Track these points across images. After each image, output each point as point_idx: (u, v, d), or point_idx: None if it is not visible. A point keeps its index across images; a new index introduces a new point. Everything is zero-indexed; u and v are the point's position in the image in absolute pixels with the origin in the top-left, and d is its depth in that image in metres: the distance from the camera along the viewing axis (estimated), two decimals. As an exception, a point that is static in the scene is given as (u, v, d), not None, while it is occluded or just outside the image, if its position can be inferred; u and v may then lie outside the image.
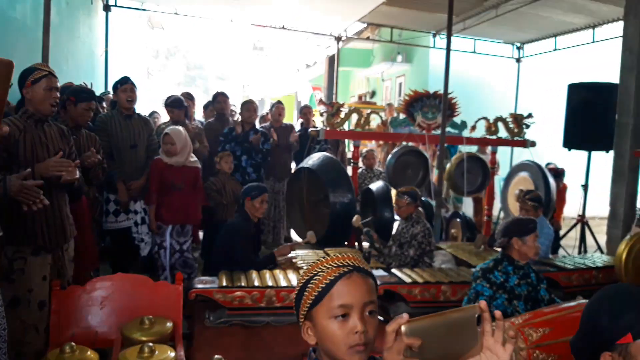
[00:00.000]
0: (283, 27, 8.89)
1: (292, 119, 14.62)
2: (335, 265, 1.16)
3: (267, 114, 7.01)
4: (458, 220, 5.98)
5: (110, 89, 6.41)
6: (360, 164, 6.90)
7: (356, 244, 5.48)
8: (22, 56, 4.52)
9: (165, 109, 5.37)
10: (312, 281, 1.16)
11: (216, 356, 2.59)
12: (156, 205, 4.29)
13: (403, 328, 0.91)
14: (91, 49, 7.19)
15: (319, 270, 1.16)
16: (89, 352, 2.63)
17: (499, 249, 3.03)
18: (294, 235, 6.65)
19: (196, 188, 4.48)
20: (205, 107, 6.80)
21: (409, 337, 0.89)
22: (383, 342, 1.11)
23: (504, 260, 2.91)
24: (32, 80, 2.82)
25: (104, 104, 5.30)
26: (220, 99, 6.18)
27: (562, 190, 6.45)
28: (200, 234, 5.96)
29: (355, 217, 4.61)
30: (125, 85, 4.24)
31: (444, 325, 0.94)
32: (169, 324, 2.98)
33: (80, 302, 3.02)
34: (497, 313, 0.99)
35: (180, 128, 4.41)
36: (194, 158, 4.45)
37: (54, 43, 4.57)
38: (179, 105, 5.20)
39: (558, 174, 6.38)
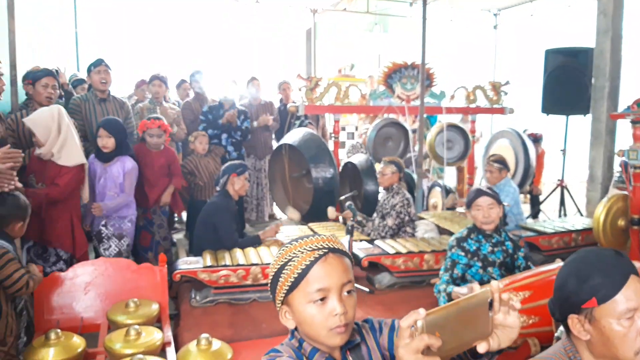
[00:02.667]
0: (257, 1, 8.72)
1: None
2: (309, 248, 1.12)
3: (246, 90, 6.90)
4: (438, 189, 6.02)
5: (82, 71, 6.25)
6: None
7: (340, 218, 5.50)
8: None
9: (148, 85, 5.41)
10: (286, 267, 1.13)
11: (203, 335, 2.61)
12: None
13: (419, 323, 0.87)
14: (61, 32, 6.98)
15: (293, 255, 1.13)
16: (74, 338, 2.63)
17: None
18: (277, 212, 6.66)
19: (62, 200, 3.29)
20: (178, 85, 6.67)
21: (430, 337, 0.86)
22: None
23: (475, 229, 2.98)
24: None
25: (85, 85, 5.19)
26: (197, 77, 6.09)
27: (540, 155, 6.52)
28: (184, 215, 5.94)
29: (330, 210, 4.62)
30: (98, 67, 4.14)
31: (458, 314, 0.92)
32: (155, 306, 2.98)
33: (64, 288, 3.01)
34: (505, 295, 1.00)
35: (47, 111, 3.32)
36: (64, 154, 3.30)
37: (21, 27, 4.42)
38: (164, 81, 5.33)
39: (536, 139, 6.44)
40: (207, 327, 2.98)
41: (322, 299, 1.11)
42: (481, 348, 0.97)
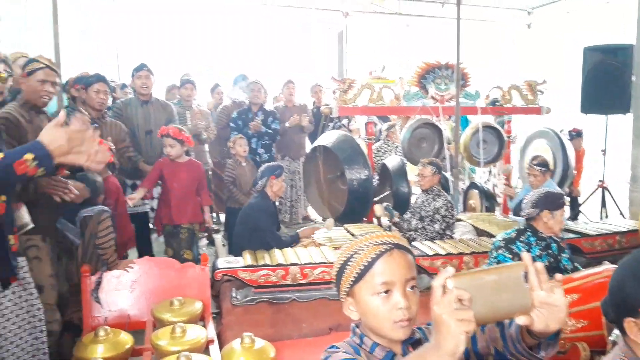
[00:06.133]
0: (290, 6, 8.81)
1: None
2: (375, 242, 1.17)
3: (280, 94, 6.97)
4: (476, 190, 5.95)
5: (121, 78, 6.44)
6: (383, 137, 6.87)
7: (374, 219, 5.49)
8: (35, 50, 4.52)
9: (179, 88, 5.55)
10: (352, 259, 1.18)
11: (246, 333, 2.65)
12: None
13: (449, 282, 0.91)
14: (102, 39, 7.18)
15: (359, 248, 1.18)
16: (122, 335, 2.70)
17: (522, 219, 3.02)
18: (312, 213, 6.69)
19: None
20: (212, 90, 6.79)
21: (459, 289, 0.89)
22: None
23: (527, 230, 2.90)
24: (27, 72, 2.87)
25: (127, 90, 5.38)
26: (240, 83, 6.23)
27: (581, 154, 6.37)
28: (222, 216, 6.04)
29: (377, 207, 4.58)
30: (140, 72, 4.28)
31: (490, 281, 0.93)
32: (198, 304, 3.04)
33: (111, 286, 3.09)
34: (539, 265, 0.97)
35: None
36: None
37: (64, 35, 4.57)
38: (195, 85, 5.57)
39: (578, 133, 6.29)
40: (249, 325, 3.01)
41: (386, 292, 1.14)
42: (520, 320, 0.97)
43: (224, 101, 6.53)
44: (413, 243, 3.99)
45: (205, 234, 5.52)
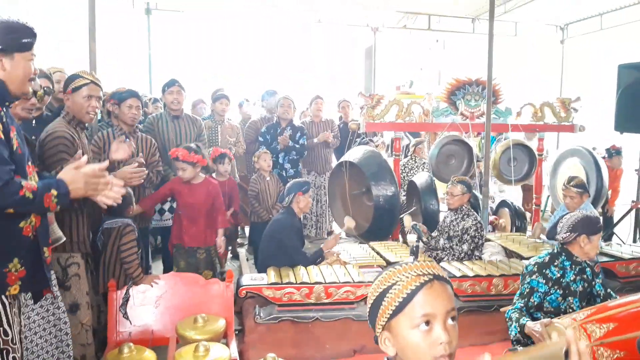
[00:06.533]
0: (319, 21, 8.86)
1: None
2: (414, 273, 1.12)
3: (307, 109, 6.98)
4: (506, 209, 5.82)
5: (153, 92, 6.55)
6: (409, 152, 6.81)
7: (400, 237, 5.42)
8: (71, 62, 4.65)
9: (214, 102, 5.58)
10: (390, 290, 1.13)
11: (269, 354, 2.61)
12: None
13: None
14: (135, 53, 7.33)
15: (398, 279, 1.13)
16: (146, 352, 2.70)
17: (556, 242, 2.91)
18: (336, 228, 6.65)
19: None
20: (241, 104, 6.85)
21: None
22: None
23: (561, 254, 2.79)
24: (72, 88, 2.89)
25: (158, 104, 5.46)
26: (268, 98, 6.28)
27: (618, 173, 6.17)
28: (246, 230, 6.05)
29: (406, 219, 4.50)
30: (171, 88, 4.32)
31: None
32: (222, 322, 3.02)
33: (136, 301, 3.11)
34: (582, 346, 0.95)
35: None
36: None
37: (99, 48, 4.68)
38: (229, 100, 5.50)
39: (618, 151, 6.10)
40: (271, 345, 2.98)
41: (427, 326, 1.09)
42: None
43: (252, 116, 6.58)
44: (440, 264, 3.92)
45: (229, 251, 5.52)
